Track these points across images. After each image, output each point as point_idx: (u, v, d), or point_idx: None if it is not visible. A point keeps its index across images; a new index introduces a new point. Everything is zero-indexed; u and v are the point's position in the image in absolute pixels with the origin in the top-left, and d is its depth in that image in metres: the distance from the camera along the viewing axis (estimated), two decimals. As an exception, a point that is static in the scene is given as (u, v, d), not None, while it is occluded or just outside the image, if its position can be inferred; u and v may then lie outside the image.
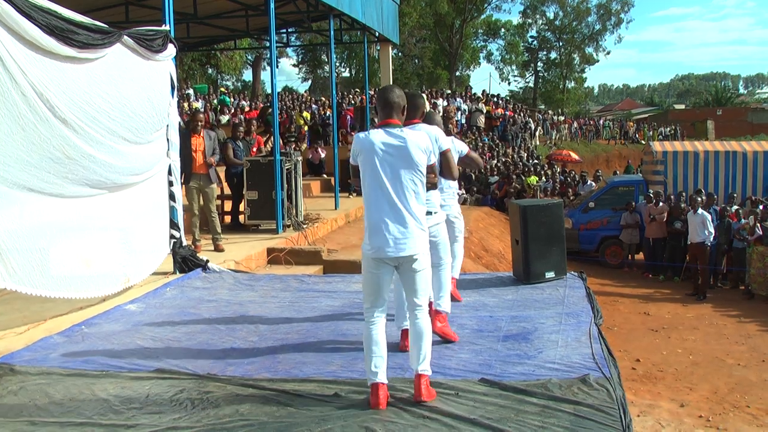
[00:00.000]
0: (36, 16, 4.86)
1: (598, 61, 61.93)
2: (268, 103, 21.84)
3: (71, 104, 5.31)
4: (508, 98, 41.93)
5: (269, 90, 17.29)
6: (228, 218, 10.65)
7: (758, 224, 13.51)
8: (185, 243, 7.68)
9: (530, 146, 29.95)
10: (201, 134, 8.66)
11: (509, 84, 64.16)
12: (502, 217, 17.56)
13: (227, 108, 21.96)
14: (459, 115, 26.13)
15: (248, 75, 48.43)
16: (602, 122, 45.62)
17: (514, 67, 62.59)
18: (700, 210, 13.74)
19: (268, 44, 11.11)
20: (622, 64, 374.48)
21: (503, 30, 60.17)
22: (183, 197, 7.97)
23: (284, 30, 16.85)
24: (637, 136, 43.60)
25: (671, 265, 15.33)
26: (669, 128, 45.56)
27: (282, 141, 12.05)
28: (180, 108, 13.31)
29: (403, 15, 38.60)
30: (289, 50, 49.41)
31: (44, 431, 3.55)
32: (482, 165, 4.88)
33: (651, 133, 43.22)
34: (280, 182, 9.75)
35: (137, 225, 6.61)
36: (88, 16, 5.57)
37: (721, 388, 8.60)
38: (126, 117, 6.08)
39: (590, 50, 60.49)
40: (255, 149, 10.83)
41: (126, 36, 6.05)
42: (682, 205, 15.26)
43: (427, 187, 4.05)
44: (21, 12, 4.72)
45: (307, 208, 11.24)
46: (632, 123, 48.54)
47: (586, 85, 70.50)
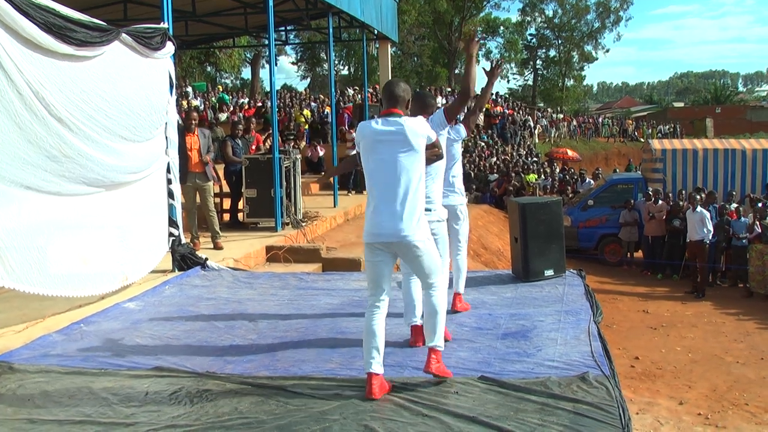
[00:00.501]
0: (34, 14, 4.84)
1: (597, 59, 62.07)
2: (260, 104, 21.87)
3: (67, 102, 5.29)
4: (507, 96, 41.93)
5: (268, 88, 17.28)
6: (227, 216, 10.65)
7: (757, 222, 13.52)
8: (184, 241, 7.68)
9: (529, 144, 29.96)
10: (195, 132, 8.64)
11: (508, 82, 64.39)
12: (501, 215, 17.58)
13: (226, 106, 21.96)
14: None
15: (247, 73, 48.35)
16: (601, 120, 45.69)
17: (513, 65, 62.62)
18: (699, 208, 13.74)
19: (267, 42, 11.09)
20: (621, 62, 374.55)
21: (502, 28, 60.17)
22: (181, 195, 7.96)
23: (283, 28, 16.85)
24: (636, 134, 43.64)
25: (670, 263, 15.33)
26: (668, 126, 45.64)
27: (281, 139, 12.05)
28: (179, 106, 13.30)
29: (402, 13, 38.60)
30: (288, 48, 49.38)
31: (43, 429, 3.54)
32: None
33: (650, 131, 43.27)
34: (279, 180, 9.75)
35: (135, 223, 6.60)
36: (87, 14, 5.55)
37: (720, 386, 8.60)
38: (123, 115, 6.06)
39: (589, 48, 60.62)
40: (254, 147, 10.83)
41: (124, 34, 6.04)
42: (681, 203, 15.27)
43: (432, 161, 4.16)
44: (19, 10, 4.70)
45: (306, 206, 11.24)
46: (631, 121, 48.61)
47: (585, 83, 70.59)
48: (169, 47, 7.01)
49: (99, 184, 5.91)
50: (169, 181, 7.30)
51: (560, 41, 60.11)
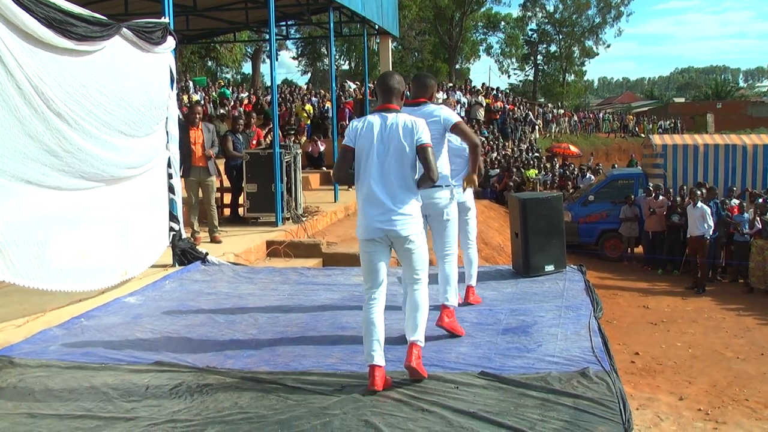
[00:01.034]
0: (34, 8, 4.83)
1: (598, 54, 62.01)
2: (256, 99, 21.84)
3: (66, 97, 5.28)
4: (508, 91, 41.86)
5: (269, 83, 17.24)
6: (227, 211, 10.65)
7: (758, 218, 13.51)
8: (185, 235, 7.68)
9: (530, 139, 29.93)
10: (199, 127, 8.69)
11: (509, 77, 64.23)
12: (502, 210, 17.57)
13: (227, 100, 21.92)
14: (459, 108, 26.06)
15: (248, 67, 48.32)
16: (602, 115, 45.60)
17: (514, 60, 62.56)
18: (700, 203, 13.73)
19: (268, 37, 11.08)
20: (622, 58, 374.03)
21: (503, 23, 60.08)
22: (182, 190, 7.96)
23: (284, 22, 16.81)
24: (637, 130, 43.58)
25: (670, 259, 15.34)
26: (669, 122, 45.58)
27: (281, 134, 12.04)
28: (179, 100, 13.28)
29: (403, 8, 38.51)
30: (289, 43, 49.40)
31: (43, 424, 3.55)
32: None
33: (651, 127, 43.23)
34: (280, 175, 9.74)
35: (135, 218, 6.59)
36: (87, 8, 5.53)
37: (720, 382, 8.62)
38: (123, 110, 6.05)
39: (590, 43, 60.54)
40: (255, 142, 10.82)
41: (125, 28, 6.02)
42: (678, 199, 15.28)
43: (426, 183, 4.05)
44: (20, 4, 4.69)
45: (307, 201, 11.23)
46: (632, 116, 48.50)
47: (586, 79, 70.56)
48: (170, 42, 6.99)
49: (99, 179, 5.90)
50: (170, 176, 7.29)
51: (561, 36, 60.01)
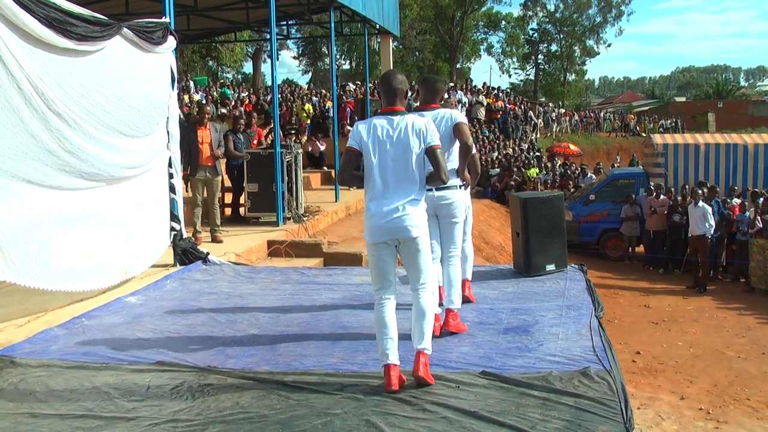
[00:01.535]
0: (34, 8, 4.82)
1: (599, 54, 61.89)
2: (257, 98, 21.85)
3: (66, 97, 5.27)
4: (509, 91, 41.84)
5: (270, 82, 17.24)
6: (228, 211, 10.65)
7: (758, 217, 13.50)
8: (186, 235, 7.68)
9: (531, 139, 29.92)
10: (207, 126, 8.77)
11: (510, 76, 64.17)
12: (503, 210, 17.58)
13: (228, 100, 21.92)
14: (459, 108, 26.06)
15: (248, 67, 48.32)
16: (603, 115, 45.56)
17: (515, 60, 62.50)
18: (701, 203, 13.72)
19: (269, 36, 11.07)
20: (623, 57, 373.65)
21: (504, 22, 60.04)
22: (185, 189, 7.96)
23: (284, 22, 16.81)
24: (638, 129, 43.55)
25: (672, 258, 15.33)
26: (670, 121, 45.52)
27: (282, 133, 12.04)
28: (180, 100, 13.29)
29: (404, 7, 38.52)
30: (290, 43, 49.40)
31: (45, 423, 3.55)
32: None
33: (652, 126, 43.18)
34: (281, 175, 9.74)
35: (136, 218, 6.59)
36: (88, 8, 5.53)
37: (722, 381, 8.61)
38: (123, 111, 6.04)
39: (591, 42, 60.51)
40: (255, 142, 10.82)
41: (125, 28, 6.02)
42: (679, 198, 15.27)
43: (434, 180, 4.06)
44: (20, 4, 4.69)
45: (308, 201, 11.23)
46: (633, 115, 48.47)
47: (587, 78, 70.53)
48: (171, 42, 6.99)
49: (99, 179, 5.90)
50: (171, 176, 7.29)
51: (562, 36, 59.99)
